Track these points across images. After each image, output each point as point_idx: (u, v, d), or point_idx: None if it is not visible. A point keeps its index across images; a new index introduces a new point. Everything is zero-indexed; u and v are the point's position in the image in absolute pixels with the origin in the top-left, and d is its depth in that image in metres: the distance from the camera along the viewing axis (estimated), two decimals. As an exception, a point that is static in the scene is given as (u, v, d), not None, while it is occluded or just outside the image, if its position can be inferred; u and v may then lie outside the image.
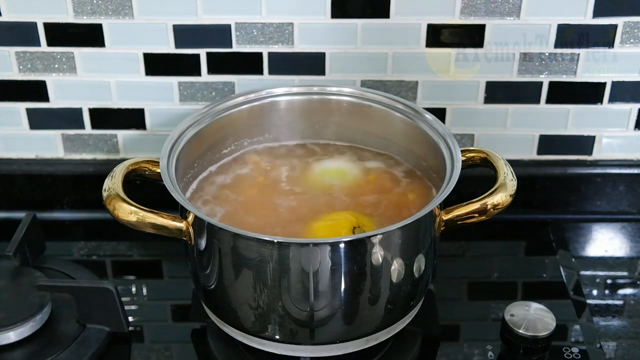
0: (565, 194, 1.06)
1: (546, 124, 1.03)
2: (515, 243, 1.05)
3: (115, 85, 1.01)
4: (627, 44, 0.97)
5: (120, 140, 1.05)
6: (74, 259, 1.00)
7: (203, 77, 1.00)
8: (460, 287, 0.98)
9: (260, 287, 0.76)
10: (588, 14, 0.95)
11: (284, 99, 0.94)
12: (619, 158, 1.05)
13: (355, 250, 0.75)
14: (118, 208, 0.78)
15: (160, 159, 0.81)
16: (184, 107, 1.02)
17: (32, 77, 1.00)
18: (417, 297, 0.83)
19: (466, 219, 0.80)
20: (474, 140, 1.04)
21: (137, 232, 0.79)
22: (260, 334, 0.81)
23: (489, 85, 1.00)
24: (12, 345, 0.84)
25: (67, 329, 0.86)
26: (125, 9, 0.95)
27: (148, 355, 0.88)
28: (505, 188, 0.80)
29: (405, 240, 0.77)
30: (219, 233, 0.76)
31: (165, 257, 1.02)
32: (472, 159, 0.84)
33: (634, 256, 1.02)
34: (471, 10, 0.96)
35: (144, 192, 0.84)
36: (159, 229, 0.78)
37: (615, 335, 0.88)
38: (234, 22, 0.97)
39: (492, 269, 1.01)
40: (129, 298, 0.95)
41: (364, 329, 0.80)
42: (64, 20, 0.96)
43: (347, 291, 0.76)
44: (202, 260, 0.79)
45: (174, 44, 0.98)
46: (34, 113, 1.03)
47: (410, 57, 0.98)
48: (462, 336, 0.91)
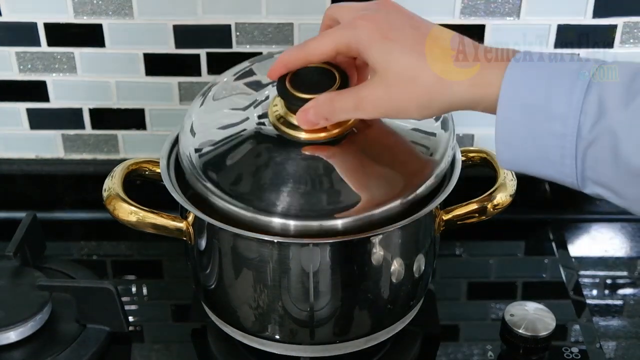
0: (565, 194, 1.06)
1: (546, 124, 1.03)
2: (515, 243, 1.05)
3: (115, 85, 1.01)
4: (627, 44, 0.97)
5: (120, 140, 1.05)
6: (74, 259, 1.00)
7: (203, 77, 1.00)
8: (460, 287, 0.98)
9: (260, 287, 0.76)
10: (588, 14, 0.95)
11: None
12: (618, 158, 1.05)
13: (355, 250, 0.75)
14: (118, 208, 0.78)
15: (160, 159, 0.81)
16: (184, 107, 1.02)
17: (32, 77, 1.00)
18: (417, 297, 0.83)
19: (466, 219, 0.80)
20: (474, 140, 1.04)
21: (137, 232, 0.79)
22: (260, 334, 0.81)
23: (489, 85, 1.00)
24: (12, 345, 0.84)
25: (67, 329, 0.86)
26: (125, 9, 0.96)
27: (148, 355, 0.88)
28: (505, 188, 0.80)
29: (405, 240, 0.77)
30: (219, 233, 0.76)
31: (165, 257, 1.02)
32: (472, 159, 0.84)
33: (634, 256, 1.02)
34: (471, 11, 0.96)
35: (144, 192, 0.84)
36: (159, 229, 0.78)
37: (615, 335, 0.88)
38: (234, 22, 0.97)
39: (492, 268, 1.01)
40: (129, 298, 0.95)
41: (364, 329, 0.80)
42: (64, 20, 0.96)
43: (347, 291, 0.77)
44: (202, 260, 0.79)
45: (174, 44, 0.98)
46: (34, 113, 1.03)
47: (410, 57, 0.98)
48: (462, 336, 0.91)
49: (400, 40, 0.65)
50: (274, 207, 0.72)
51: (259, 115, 0.78)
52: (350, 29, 0.67)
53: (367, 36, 0.66)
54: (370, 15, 0.67)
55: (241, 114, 0.79)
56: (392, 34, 0.65)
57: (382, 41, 0.65)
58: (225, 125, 0.79)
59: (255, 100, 0.80)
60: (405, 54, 0.65)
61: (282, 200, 0.72)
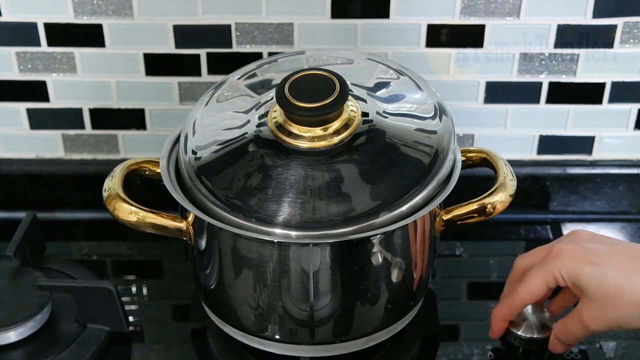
0: (564, 193, 1.06)
1: (546, 124, 1.03)
2: (515, 243, 1.05)
3: (115, 85, 1.01)
4: (627, 44, 0.97)
5: (120, 140, 1.05)
6: (74, 259, 1.00)
7: (203, 77, 1.00)
8: (460, 287, 0.98)
9: (260, 287, 0.76)
10: (588, 14, 0.95)
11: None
12: (618, 158, 1.05)
13: (355, 250, 0.75)
14: (118, 208, 0.78)
15: (160, 159, 0.81)
16: (184, 107, 1.02)
17: (32, 77, 1.00)
18: (417, 297, 0.83)
19: (466, 219, 0.80)
20: (474, 140, 1.04)
21: (137, 232, 0.79)
22: (260, 334, 0.81)
23: (488, 85, 1.00)
24: (12, 345, 0.84)
25: (67, 329, 0.86)
26: (126, 9, 0.96)
27: (148, 355, 0.88)
28: (505, 188, 0.80)
29: (405, 240, 0.77)
30: (219, 233, 0.76)
31: (165, 257, 1.02)
32: (472, 159, 0.84)
33: (634, 256, 1.02)
34: (471, 11, 0.96)
35: (144, 192, 0.84)
36: (159, 229, 0.78)
37: (615, 335, 0.88)
38: (234, 22, 0.97)
39: (492, 269, 1.01)
40: (129, 298, 0.95)
41: (364, 329, 0.80)
42: (64, 21, 0.96)
43: (347, 291, 0.77)
44: (202, 260, 0.79)
45: (174, 44, 0.98)
46: (34, 113, 1.03)
47: (410, 57, 0.98)
48: (462, 336, 0.91)
49: (599, 263, 0.71)
50: (273, 217, 0.73)
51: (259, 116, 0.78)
52: (555, 260, 0.73)
53: (572, 264, 0.72)
54: (565, 244, 0.73)
55: (243, 116, 0.79)
56: (591, 258, 0.71)
57: (586, 266, 0.71)
58: (226, 128, 0.79)
59: (258, 102, 0.80)
60: (609, 275, 0.70)
61: (283, 210, 0.73)
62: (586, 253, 0.72)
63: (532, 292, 0.75)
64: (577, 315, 0.73)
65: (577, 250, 0.72)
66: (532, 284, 0.74)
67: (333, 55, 0.87)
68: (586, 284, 0.71)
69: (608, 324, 0.72)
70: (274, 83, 0.81)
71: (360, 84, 0.81)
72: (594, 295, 0.71)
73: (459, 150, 0.82)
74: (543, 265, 0.73)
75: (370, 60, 0.86)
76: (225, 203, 0.74)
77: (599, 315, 0.71)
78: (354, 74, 0.82)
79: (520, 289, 0.76)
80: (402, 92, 0.82)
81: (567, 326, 0.75)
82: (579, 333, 0.74)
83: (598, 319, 0.71)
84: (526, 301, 0.77)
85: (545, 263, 0.73)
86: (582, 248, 0.72)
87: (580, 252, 0.72)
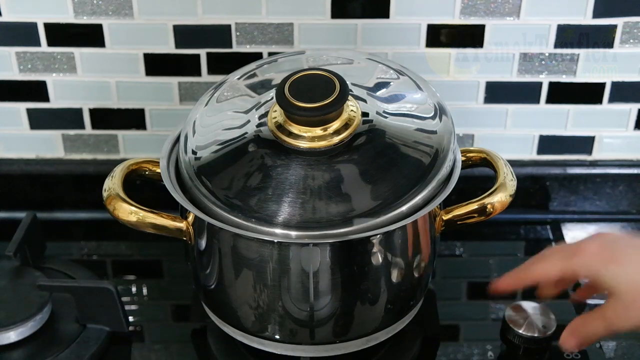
0: (564, 193, 1.06)
1: (546, 124, 1.03)
2: (515, 243, 1.05)
3: (115, 85, 1.01)
4: (627, 44, 0.97)
5: (120, 140, 1.05)
6: (74, 259, 1.00)
7: (203, 77, 1.00)
8: (460, 287, 0.98)
9: (260, 287, 0.76)
10: (588, 14, 0.95)
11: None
12: (618, 158, 1.05)
13: (355, 250, 0.75)
14: (118, 208, 0.78)
15: (160, 159, 0.81)
16: (184, 107, 1.02)
17: (32, 77, 1.00)
18: (417, 297, 0.83)
19: (466, 219, 0.80)
20: (474, 140, 1.04)
21: (137, 232, 0.79)
22: (260, 334, 0.81)
23: (488, 85, 1.00)
24: (12, 345, 0.84)
25: (67, 329, 0.86)
26: (125, 9, 0.96)
27: (148, 355, 0.88)
28: (505, 188, 0.80)
29: (405, 240, 0.77)
30: (219, 233, 0.76)
31: (165, 257, 1.02)
32: (472, 159, 0.84)
33: (634, 256, 1.02)
34: (471, 11, 0.96)
35: (144, 192, 0.84)
36: (159, 229, 0.78)
37: (614, 335, 0.88)
38: (234, 22, 0.97)
39: (492, 269, 1.01)
40: (129, 298, 0.95)
41: (364, 329, 0.80)
42: (64, 21, 0.96)
43: (347, 291, 0.77)
44: (202, 260, 0.79)
45: (174, 44, 0.98)
46: (34, 113, 1.03)
47: (410, 57, 0.98)
48: (462, 336, 0.91)
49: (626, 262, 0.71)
50: (273, 217, 0.73)
51: (259, 116, 0.78)
52: (580, 257, 0.72)
53: (597, 263, 0.71)
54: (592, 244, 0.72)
55: (243, 116, 0.79)
56: (618, 257, 0.71)
57: (610, 266, 0.71)
58: (226, 128, 0.79)
59: (258, 102, 0.80)
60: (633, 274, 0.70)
61: (283, 210, 0.73)
62: (613, 252, 0.71)
63: (546, 271, 0.74)
64: (600, 314, 0.73)
65: (603, 250, 0.72)
66: (549, 265, 0.74)
67: (333, 55, 0.87)
68: (612, 284, 0.71)
69: (633, 323, 0.71)
70: (274, 83, 0.81)
71: (360, 84, 0.81)
72: (617, 295, 0.70)
73: (459, 150, 0.82)
74: (566, 257, 0.73)
75: (370, 60, 0.86)
76: (225, 203, 0.74)
77: (624, 314, 0.71)
78: (354, 74, 0.82)
79: (536, 263, 0.75)
80: (402, 92, 0.82)
81: (587, 322, 0.74)
82: (599, 330, 0.73)
83: (623, 318, 0.71)
84: (536, 276, 0.75)
85: (570, 256, 0.73)
86: (609, 247, 0.72)
87: (607, 251, 0.72)
